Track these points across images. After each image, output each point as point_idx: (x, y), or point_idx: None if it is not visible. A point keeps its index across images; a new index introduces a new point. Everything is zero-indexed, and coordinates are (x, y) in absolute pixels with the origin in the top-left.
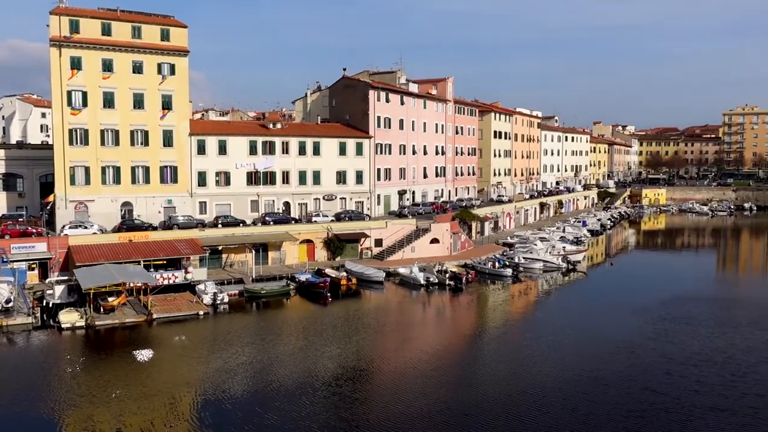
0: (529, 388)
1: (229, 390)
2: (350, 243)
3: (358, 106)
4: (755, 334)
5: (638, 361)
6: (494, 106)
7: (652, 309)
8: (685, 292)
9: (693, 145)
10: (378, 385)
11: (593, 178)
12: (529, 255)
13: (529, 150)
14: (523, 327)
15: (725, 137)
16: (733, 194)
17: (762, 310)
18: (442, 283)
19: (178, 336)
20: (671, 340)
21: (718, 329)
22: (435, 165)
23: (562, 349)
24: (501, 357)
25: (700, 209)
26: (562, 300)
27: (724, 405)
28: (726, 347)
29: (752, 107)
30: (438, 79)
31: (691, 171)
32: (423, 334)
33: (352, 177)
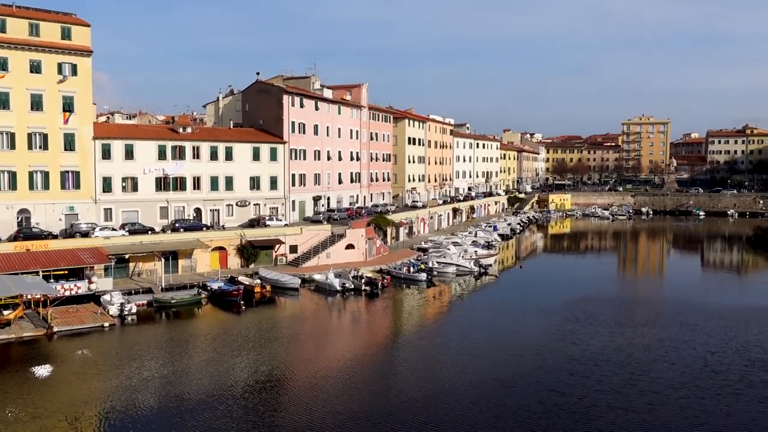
0: (441, 392)
1: (134, 406)
2: (264, 249)
3: (272, 110)
4: (652, 333)
5: (544, 362)
6: (408, 113)
7: (558, 310)
8: (588, 293)
9: (595, 152)
10: (292, 394)
11: (503, 184)
12: (442, 259)
13: (442, 156)
14: (437, 331)
15: (624, 145)
16: (632, 199)
17: (658, 310)
18: (357, 288)
19: (80, 350)
20: (574, 341)
21: (618, 329)
22: (350, 171)
23: (473, 352)
24: (415, 361)
25: (602, 213)
26: (474, 303)
27: (624, 403)
28: (625, 346)
29: (648, 117)
30: (353, 85)
31: (593, 177)
32: (339, 341)
33: (266, 183)
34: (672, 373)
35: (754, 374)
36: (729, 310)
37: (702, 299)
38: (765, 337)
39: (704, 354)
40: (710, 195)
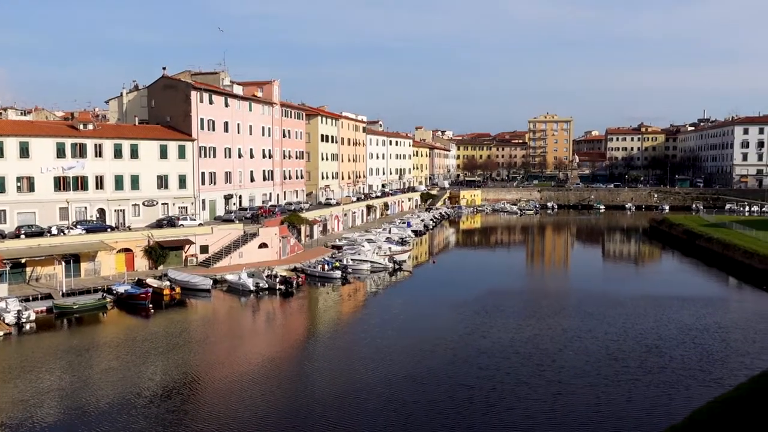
0: (355, 390)
1: (28, 423)
2: (174, 250)
3: (180, 107)
4: (558, 323)
5: (455, 357)
6: (321, 110)
7: (469, 304)
8: (498, 286)
9: (504, 149)
10: (203, 399)
11: (416, 180)
12: (357, 256)
13: (355, 154)
14: (352, 328)
15: (531, 142)
16: (539, 194)
17: (563, 301)
18: (272, 288)
19: None
20: (485, 335)
21: (526, 321)
22: (262, 168)
23: (387, 349)
24: (330, 360)
25: (511, 209)
26: (388, 299)
27: (532, 394)
28: (532, 338)
29: (552, 115)
30: (264, 81)
31: (502, 173)
32: (253, 342)
33: (174, 181)
34: (577, 362)
35: (651, 360)
36: (628, 299)
37: (603, 289)
38: (660, 324)
39: (606, 342)
40: (610, 190)
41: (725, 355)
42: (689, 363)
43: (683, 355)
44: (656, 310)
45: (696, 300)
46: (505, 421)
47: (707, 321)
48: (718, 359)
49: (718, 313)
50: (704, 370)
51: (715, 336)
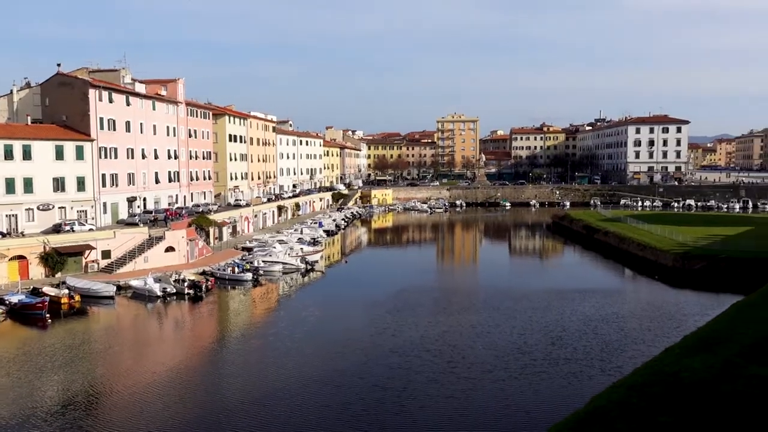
0: (267, 395)
1: None
2: (73, 256)
3: (77, 106)
4: (467, 319)
5: (367, 357)
6: (228, 110)
7: (381, 303)
8: (409, 284)
9: (414, 148)
10: (108, 411)
11: (328, 180)
12: (268, 258)
13: (265, 154)
14: (264, 331)
15: (439, 142)
16: (448, 193)
17: (472, 297)
18: (180, 292)
19: None
20: (396, 333)
21: (436, 318)
22: (168, 169)
23: (299, 352)
24: (242, 365)
25: (421, 207)
26: (301, 300)
27: (443, 391)
28: (442, 334)
29: (460, 115)
30: (168, 79)
31: (413, 172)
32: (161, 349)
33: (72, 184)
34: (486, 357)
35: (556, 352)
36: (533, 293)
37: (510, 284)
38: (564, 316)
39: (514, 336)
40: (515, 187)
41: (623, 344)
42: (591, 353)
43: (585, 346)
44: (560, 303)
45: (596, 292)
46: (417, 420)
47: (606, 312)
48: (617, 348)
49: (616, 303)
50: (604, 359)
51: (614, 326)
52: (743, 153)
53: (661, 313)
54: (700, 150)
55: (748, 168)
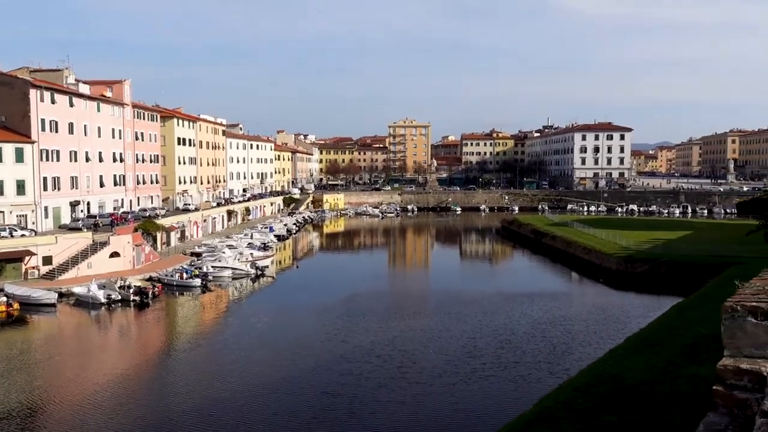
0: (215, 404)
1: None
2: (11, 263)
3: (17, 106)
4: (418, 324)
5: (317, 363)
6: (177, 112)
7: (332, 308)
8: (360, 289)
9: (366, 153)
10: (49, 424)
11: (279, 185)
12: (217, 263)
13: (215, 157)
14: (213, 338)
15: (391, 147)
16: (399, 198)
17: (423, 301)
18: (125, 299)
19: None
20: (346, 339)
21: (387, 323)
22: (113, 173)
23: (249, 359)
24: (190, 373)
25: (373, 212)
26: (251, 306)
27: (393, 397)
28: (393, 339)
29: (412, 120)
30: (113, 81)
31: (365, 177)
32: (105, 358)
33: (11, 187)
34: (437, 362)
35: (505, 356)
36: (483, 297)
37: (461, 288)
38: (513, 320)
39: (464, 341)
40: (465, 192)
41: (570, 346)
42: (539, 356)
43: (534, 349)
44: (509, 307)
45: (544, 295)
46: (367, 426)
47: (554, 314)
48: (564, 350)
49: (563, 306)
50: (552, 361)
51: (561, 329)
52: (683, 160)
53: (605, 316)
54: (643, 157)
55: (688, 174)
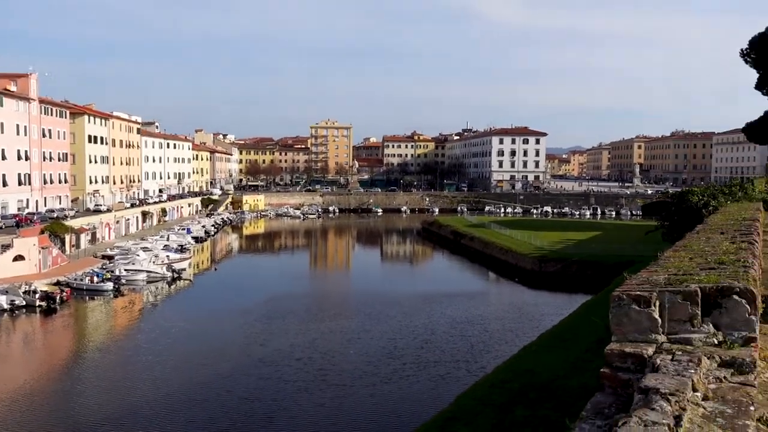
0: (129, 412)
1: None
2: None
3: None
4: (339, 326)
5: (234, 368)
6: (88, 109)
7: (251, 311)
8: (281, 291)
9: (287, 154)
10: None
11: (197, 185)
12: (131, 266)
13: (129, 156)
14: (124, 345)
15: (313, 148)
16: (321, 199)
17: (344, 302)
18: (30, 305)
19: None
20: (265, 343)
21: (307, 325)
22: (17, 171)
23: (162, 365)
24: (101, 380)
25: (294, 213)
26: (167, 310)
27: (313, 400)
28: (313, 342)
29: (333, 122)
30: (18, 74)
31: (285, 178)
32: (6, 368)
33: None
34: (358, 363)
35: (425, 356)
36: (404, 298)
37: (381, 289)
38: (433, 320)
39: (384, 342)
40: (387, 194)
41: (488, 345)
42: (458, 355)
43: (453, 348)
44: (429, 307)
45: (462, 295)
46: (287, 430)
47: (472, 314)
48: (482, 349)
49: (481, 306)
50: (470, 360)
51: (479, 327)
52: (593, 164)
53: (521, 314)
54: (557, 160)
55: (598, 178)
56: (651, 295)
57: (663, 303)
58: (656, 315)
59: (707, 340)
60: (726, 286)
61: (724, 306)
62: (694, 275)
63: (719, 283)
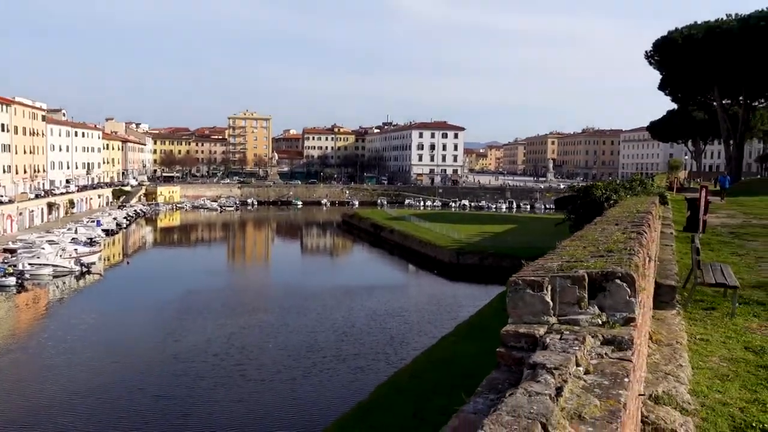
0: (27, 416)
1: None
2: None
3: None
4: (256, 319)
5: (147, 366)
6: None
7: (165, 307)
8: (197, 286)
9: (203, 145)
10: None
11: (108, 176)
12: (36, 260)
13: (33, 145)
14: (27, 342)
15: (231, 139)
16: (239, 191)
17: (263, 296)
18: None
19: None
20: (180, 338)
21: (225, 320)
22: None
23: (68, 363)
24: (2, 382)
25: (211, 205)
26: (76, 306)
27: (231, 395)
28: (230, 336)
29: (252, 113)
30: None
31: (202, 169)
32: None
33: None
34: (277, 357)
35: (345, 348)
36: (324, 291)
37: (301, 282)
38: (353, 313)
39: (304, 335)
40: (307, 186)
41: (407, 336)
42: (378, 347)
43: (373, 340)
44: (349, 300)
45: (382, 287)
46: (204, 427)
47: (392, 306)
48: (402, 340)
49: (401, 298)
50: (389, 352)
51: (399, 319)
52: (509, 159)
53: (439, 306)
54: (474, 155)
55: (513, 172)
56: (544, 280)
57: (555, 287)
58: (548, 298)
59: (592, 321)
60: (610, 272)
61: (608, 289)
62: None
63: (604, 269)
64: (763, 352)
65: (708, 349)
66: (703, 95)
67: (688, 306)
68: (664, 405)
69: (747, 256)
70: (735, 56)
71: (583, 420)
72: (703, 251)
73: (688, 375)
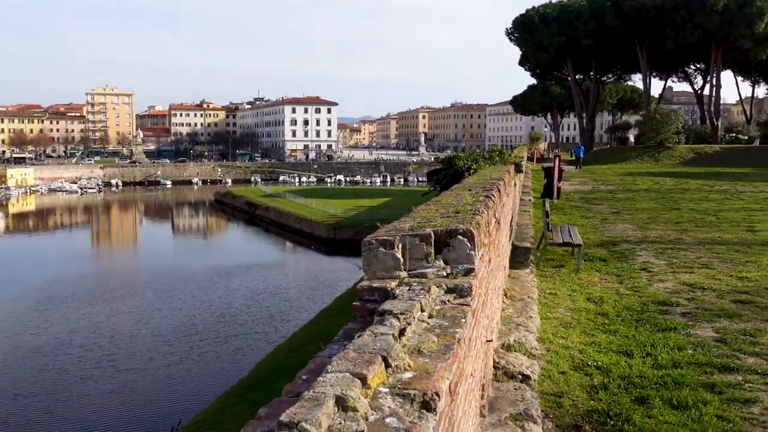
0: None
1: None
2: None
3: None
4: (126, 306)
5: (4, 363)
6: None
7: (22, 298)
8: (58, 275)
9: (59, 123)
10: None
11: None
12: None
13: None
14: None
15: (90, 116)
16: (101, 171)
17: (133, 281)
18: None
19: None
20: (39, 331)
21: (90, 308)
22: None
23: None
24: None
25: (71, 188)
26: None
27: (102, 387)
28: (97, 325)
29: (113, 88)
30: None
31: (58, 149)
32: None
33: None
34: (151, 344)
35: (223, 329)
36: (198, 272)
37: (174, 264)
38: (230, 293)
39: (180, 319)
40: (176, 165)
41: (287, 313)
42: (257, 326)
43: (252, 320)
44: (226, 280)
45: (260, 266)
46: (72, 423)
47: (270, 284)
48: (282, 318)
49: (279, 276)
50: (269, 330)
51: (278, 297)
52: (383, 133)
53: (317, 281)
54: (348, 130)
55: (387, 147)
56: (395, 239)
57: (405, 245)
58: (399, 255)
59: (438, 273)
60: (453, 229)
61: (452, 245)
62: (433, 221)
63: (449, 227)
64: (602, 301)
65: (555, 301)
66: (558, 71)
67: (540, 264)
68: (514, 352)
69: (594, 218)
70: (585, 34)
71: (422, 353)
72: (557, 215)
73: (536, 325)
